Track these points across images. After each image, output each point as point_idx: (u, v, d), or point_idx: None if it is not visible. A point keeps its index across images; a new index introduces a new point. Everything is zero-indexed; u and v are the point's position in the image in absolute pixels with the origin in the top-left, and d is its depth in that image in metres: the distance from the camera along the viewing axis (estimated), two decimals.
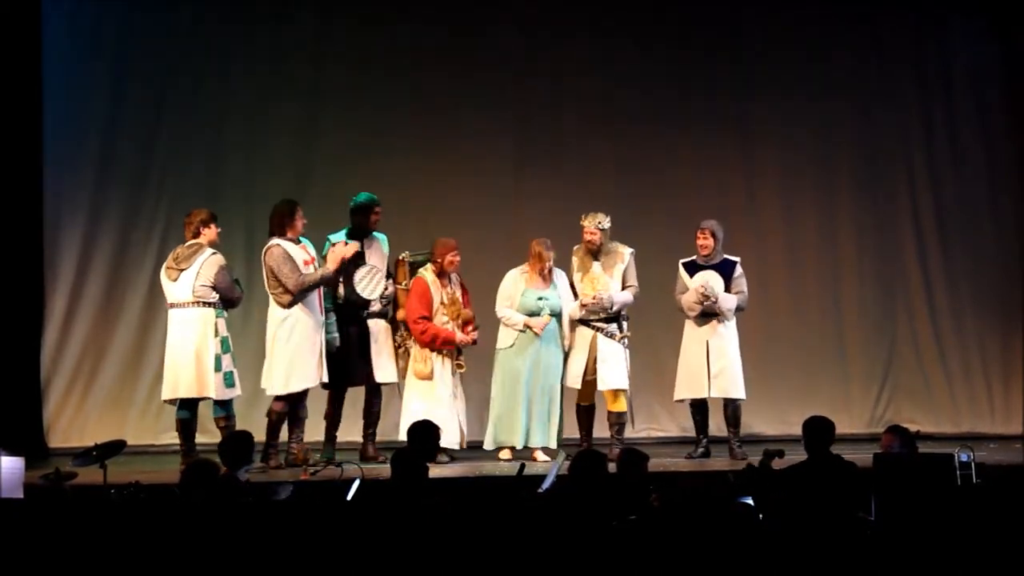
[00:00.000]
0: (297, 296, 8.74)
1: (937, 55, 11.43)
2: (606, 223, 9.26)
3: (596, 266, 9.29)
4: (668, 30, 11.17)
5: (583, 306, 9.19)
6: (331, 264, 8.81)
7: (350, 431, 9.39)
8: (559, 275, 9.27)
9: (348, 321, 9.04)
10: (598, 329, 9.25)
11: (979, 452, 7.02)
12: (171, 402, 8.76)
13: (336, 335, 8.94)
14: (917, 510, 5.97)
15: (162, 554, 5.33)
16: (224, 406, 8.65)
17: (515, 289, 9.19)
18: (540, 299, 9.14)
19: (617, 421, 9.33)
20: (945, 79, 11.39)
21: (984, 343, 11.33)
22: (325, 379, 8.90)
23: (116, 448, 7.16)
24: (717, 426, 9.67)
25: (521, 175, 10.99)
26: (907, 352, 11.27)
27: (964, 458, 6.72)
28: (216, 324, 8.57)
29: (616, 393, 9.28)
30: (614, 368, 9.23)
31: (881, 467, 6.40)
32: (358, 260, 9.05)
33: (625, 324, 9.29)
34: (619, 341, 9.25)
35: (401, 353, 9.16)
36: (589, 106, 11.01)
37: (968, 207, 11.35)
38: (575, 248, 9.40)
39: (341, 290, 9.02)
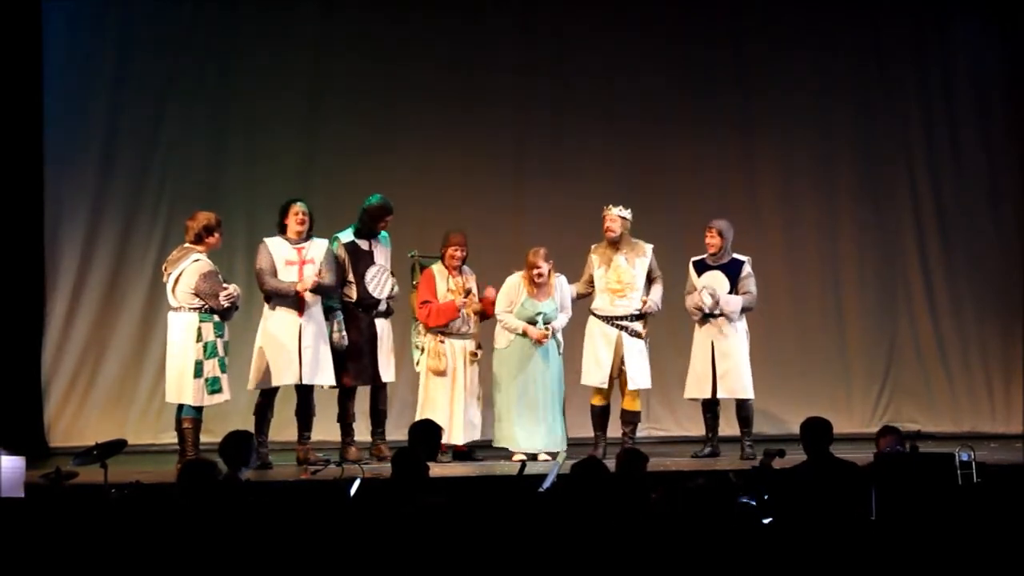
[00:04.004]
0: (271, 295, 8.77)
1: (937, 55, 11.43)
2: (627, 212, 9.26)
3: (620, 258, 9.23)
4: (669, 30, 11.17)
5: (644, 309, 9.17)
6: (307, 283, 8.69)
7: (359, 431, 9.33)
8: (560, 281, 9.23)
9: (358, 321, 9.00)
10: (623, 328, 9.21)
11: (980, 451, 7.02)
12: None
13: (344, 335, 8.92)
14: (918, 509, 5.98)
15: (162, 554, 5.32)
16: (196, 409, 8.52)
17: (516, 294, 9.15)
18: (538, 314, 9.07)
19: (632, 420, 9.31)
20: (945, 79, 11.39)
21: (984, 342, 11.33)
22: (303, 380, 8.75)
23: (117, 447, 7.14)
24: (730, 426, 9.68)
25: (522, 174, 10.99)
26: (907, 351, 11.27)
27: (965, 457, 6.73)
28: (200, 329, 8.42)
29: (635, 393, 9.27)
30: (641, 368, 9.21)
31: (882, 466, 6.40)
32: (368, 260, 9.05)
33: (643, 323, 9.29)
34: (644, 340, 9.23)
35: (417, 349, 9.14)
36: (589, 106, 11.01)
37: (968, 207, 11.35)
38: (594, 246, 9.38)
39: (354, 291, 9.00)
